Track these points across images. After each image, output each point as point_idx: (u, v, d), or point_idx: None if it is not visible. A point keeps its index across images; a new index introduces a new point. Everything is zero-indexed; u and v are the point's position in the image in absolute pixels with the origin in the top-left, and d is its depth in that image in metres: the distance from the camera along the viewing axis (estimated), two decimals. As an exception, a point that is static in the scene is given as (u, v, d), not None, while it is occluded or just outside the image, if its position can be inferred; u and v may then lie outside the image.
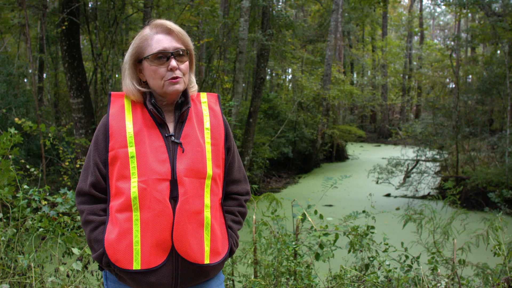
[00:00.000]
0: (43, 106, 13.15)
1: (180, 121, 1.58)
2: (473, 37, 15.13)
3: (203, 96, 1.70)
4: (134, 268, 1.46)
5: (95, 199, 1.57)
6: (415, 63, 32.94)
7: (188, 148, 1.54)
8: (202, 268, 1.53)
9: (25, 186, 3.01)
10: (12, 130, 3.00)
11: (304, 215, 3.28)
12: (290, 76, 24.39)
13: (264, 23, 12.02)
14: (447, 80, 25.97)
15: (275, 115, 17.08)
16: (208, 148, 1.58)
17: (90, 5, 10.96)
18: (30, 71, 13.43)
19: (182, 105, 1.59)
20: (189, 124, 1.58)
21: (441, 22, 47.70)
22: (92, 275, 3.01)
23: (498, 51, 15.90)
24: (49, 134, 6.27)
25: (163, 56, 1.52)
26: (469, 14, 21.21)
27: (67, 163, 7.63)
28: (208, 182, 1.54)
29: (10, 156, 3.06)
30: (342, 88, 17.07)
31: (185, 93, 1.60)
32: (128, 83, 1.57)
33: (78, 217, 3.06)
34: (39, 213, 2.93)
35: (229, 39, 11.70)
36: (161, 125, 1.56)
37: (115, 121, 1.55)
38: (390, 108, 32.18)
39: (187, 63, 1.58)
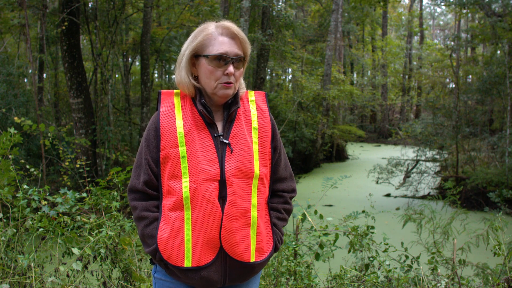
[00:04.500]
0: (43, 106, 13.14)
1: (229, 121, 1.60)
2: (473, 37, 15.11)
3: (251, 94, 1.71)
4: (185, 265, 1.51)
5: (148, 196, 1.61)
6: (415, 63, 32.92)
7: (236, 148, 1.56)
8: (248, 266, 1.57)
9: (25, 186, 3.00)
10: (12, 130, 2.99)
11: (304, 215, 3.28)
12: (290, 76, 24.38)
13: (264, 23, 12.03)
14: (447, 80, 25.97)
15: (275, 115, 17.06)
16: (255, 148, 1.60)
17: (90, 5, 10.95)
18: (30, 71, 13.42)
19: (231, 104, 1.60)
20: (237, 124, 1.60)
21: (441, 22, 47.73)
22: (92, 275, 3.00)
23: (498, 51, 15.88)
24: (49, 134, 6.27)
25: (222, 60, 1.54)
26: (469, 14, 21.22)
27: (67, 163, 7.63)
28: (255, 182, 1.57)
29: (10, 156, 3.06)
30: (342, 88, 17.04)
31: (235, 94, 1.62)
32: (184, 76, 1.59)
33: (78, 217, 3.05)
34: (39, 213, 2.93)
35: (229, 39, 11.66)
36: (210, 124, 1.57)
37: (166, 120, 1.57)
38: (390, 108, 32.16)
39: (242, 70, 1.60)
